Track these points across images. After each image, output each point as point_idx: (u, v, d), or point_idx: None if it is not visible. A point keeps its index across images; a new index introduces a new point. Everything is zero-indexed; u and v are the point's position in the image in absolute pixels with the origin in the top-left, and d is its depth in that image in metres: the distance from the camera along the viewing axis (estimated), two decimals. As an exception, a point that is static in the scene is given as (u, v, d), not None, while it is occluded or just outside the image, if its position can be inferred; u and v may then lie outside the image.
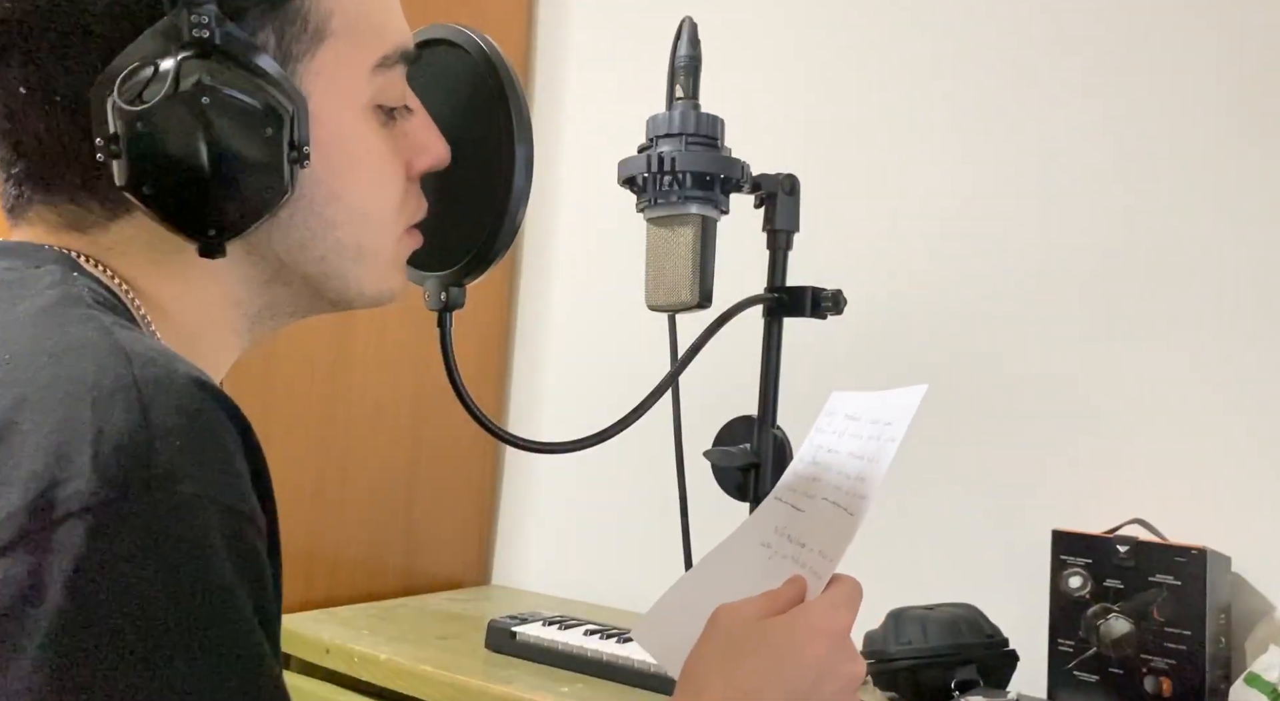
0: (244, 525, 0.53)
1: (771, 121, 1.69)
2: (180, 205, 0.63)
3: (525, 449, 0.95)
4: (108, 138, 0.61)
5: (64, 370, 0.53)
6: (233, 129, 0.62)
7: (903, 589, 1.31)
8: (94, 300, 0.61)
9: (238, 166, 0.63)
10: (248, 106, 0.63)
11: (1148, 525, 1.34)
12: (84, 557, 0.48)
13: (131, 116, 0.61)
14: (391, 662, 1.40)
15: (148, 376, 0.53)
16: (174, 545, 0.50)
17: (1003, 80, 1.55)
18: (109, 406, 0.51)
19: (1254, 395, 1.34)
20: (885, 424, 0.81)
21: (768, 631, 0.73)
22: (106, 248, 0.67)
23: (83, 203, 0.66)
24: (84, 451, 0.49)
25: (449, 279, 0.87)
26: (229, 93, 0.62)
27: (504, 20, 1.99)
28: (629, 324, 1.78)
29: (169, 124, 0.61)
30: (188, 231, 0.64)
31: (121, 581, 0.48)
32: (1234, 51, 1.38)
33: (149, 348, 0.55)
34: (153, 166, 0.62)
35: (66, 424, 0.50)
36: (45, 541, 0.48)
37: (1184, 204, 1.41)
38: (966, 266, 1.55)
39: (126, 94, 0.61)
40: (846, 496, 0.80)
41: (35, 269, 0.63)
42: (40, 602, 0.47)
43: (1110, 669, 1.25)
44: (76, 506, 0.48)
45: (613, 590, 1.75)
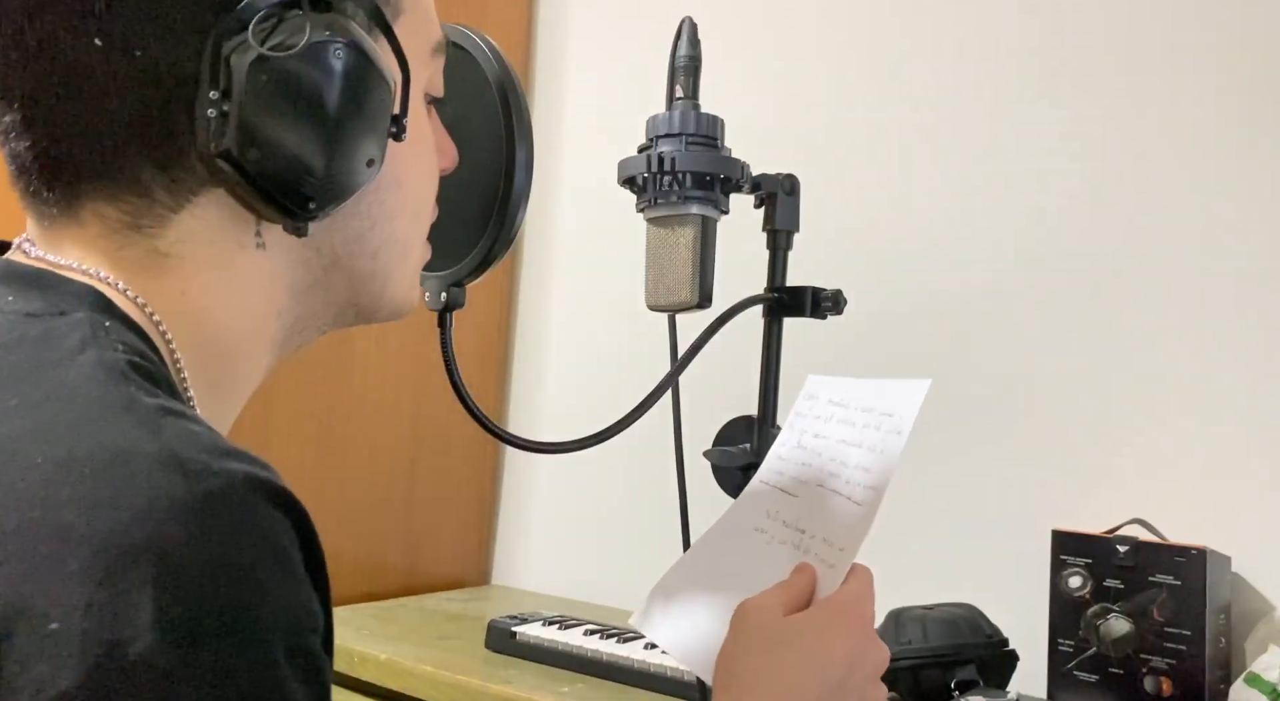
0: (307, 637, 0.50)
1: (771, 121, 1.69)
2: (286, 172, 0.59)
3: (525, 449, 0.95)
4: (221, 92, 0.57)
5: (109, 492, 0.46)
6: (355, 90, 0.59)
7: (903, 589, 1.31)
8: (129, 366, 0.53)
9: (352, 132, 0.60)
10: (370, 68, 0.60)
11: (1148, 525, 1.34)
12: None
13: (258, 67, 0.56)
14: (391, 662, 1.40)
15: (203, 493, 0.47)
16: (248, 689, 0.46)
17: (1003, 80, 1.55)
18: (165, 540, 0.46)
19: (1254, 395, 1.34)
20: (885, 415, 0.82)
21: (800, 627, 0.74)
22: (162, 255, 0.60)
23: (150, 190, 0.59)
24: (144, 602, 0.44)
25: (449, 279, 0.87)
26: (357, 51, 0.59)
27: (504, 20, 1.99)
28: (629, 324, 1.78)
29: (298, 78, 0.57)
30: (286, 202, 0.60)
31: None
32: (1232, 54, 1.38)
33: (198, 447, 0.50)
34: (269, 126, 0.57)
35: (121, 568, 0.45)
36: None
37: (1184, 205, 1.41)
38: (966, 266, 1.56)
39: (251, 44, 0.56)
40: (848, 485, 0.80)
41: (61, 317, 0.56)
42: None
43: (1110, 669, 1.25)
44: (143, 671, 0.44)
45: (613, 590, 1.75)
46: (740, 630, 0.75)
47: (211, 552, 0.47)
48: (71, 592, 0.44)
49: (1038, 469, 1.47)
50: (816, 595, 0.77)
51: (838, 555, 0.77)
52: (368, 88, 0.60)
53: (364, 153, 0.61)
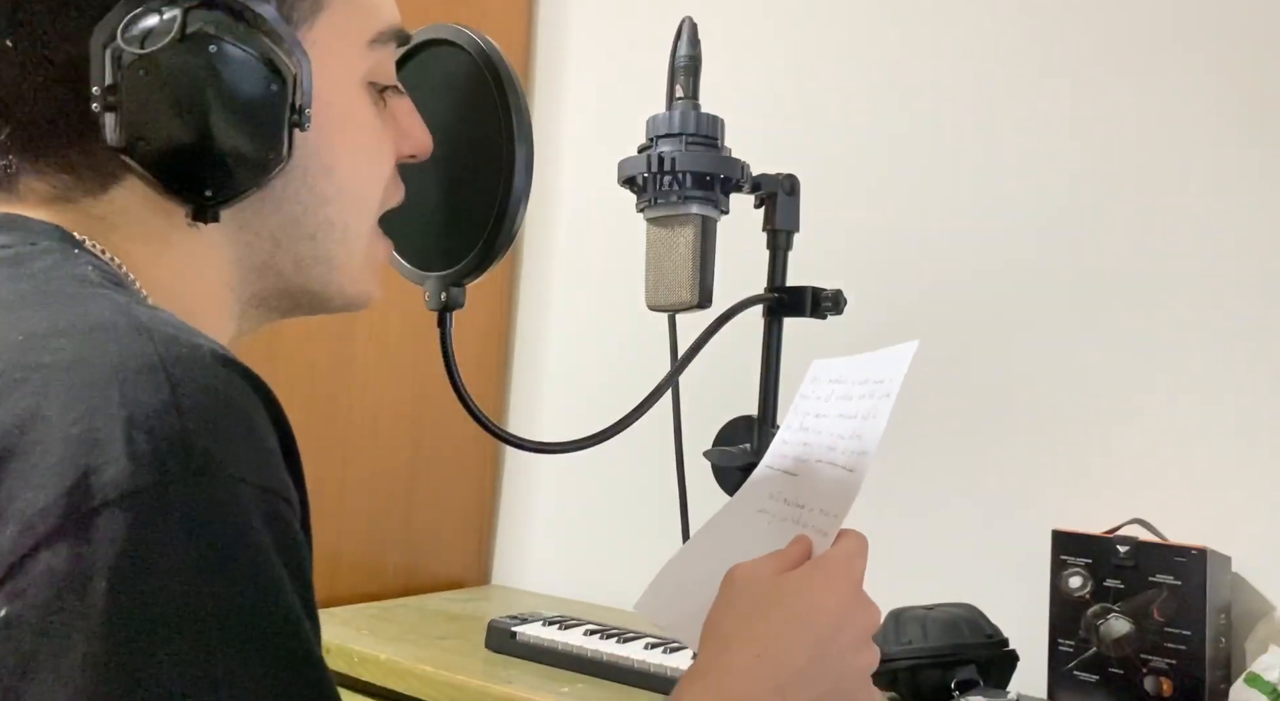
0: (281, 505, 0.52)
1: (771, 121, 1.69)
2: (177, 163, 0.61)
3: (525, 449, 0.95)
4: (105, 88, 0.59)
5: (85, 351, 0.50)
6: (237, 83, 0.61)
7: (903, 589, 1.31)
8: (101, 278, 0.58)
9: (239, 123, 0.62)
10: (254, 61, 0.62)
11: (1148, 525, 1.34)
12: (126, 547, 0.46)
13: (134, 63, 0.59)
14: (391, 662, 1.40)
15: (172, 355, 0.51)
16: (217, 530, 0.48)
17: (1002, 81, 1.55)
18: (136, 388, 0.49)
19: (1254, 395, 1.34)
20: (877, 382, 0.82)
21: (785, 586, 0.73)
22: (99, 219, 0.64)
23: (74, 170, 0.64)
24: (116, 437, 0.48)
25: (449, 279, 0.87)
26: (236, 45, 0.61)
27: (504, 20, 1.99)
28: (629, 324, 1.78)
29: (172, 73, 0.59)
30: (183, 192, 0.63)
31: (166, 570, 0.47)
32: (1231, 58, 1.38)
33: (168, 323, 0.54)
34: (151, 119, 0.60)
35: (95, 409, 0.48)
36: (85, 532, 0.46)
37: (1185, 205, 1.41)
38: (966, 266, 1.55)
39: (129, 41, 0.59)
40: (843, 455, 0.81)
41: (32, 246, 0.60)
42: (84, 595, 0.46)
43: (1110, 669, 1.25)
44: (114, 494, 0.47)
45: (613, 590, 1.75)
46: (727, 592, 0.75)
47: (180, 406, 0.49)
48: (50, 432, 0.48)
49: (1038, 469, 1.47)
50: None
51: (830, 521, 0.78)
52: (251, 80, 0.62)
53: (257, 142, 0.63)
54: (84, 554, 0.46)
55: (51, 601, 0.46)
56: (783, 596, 0.73)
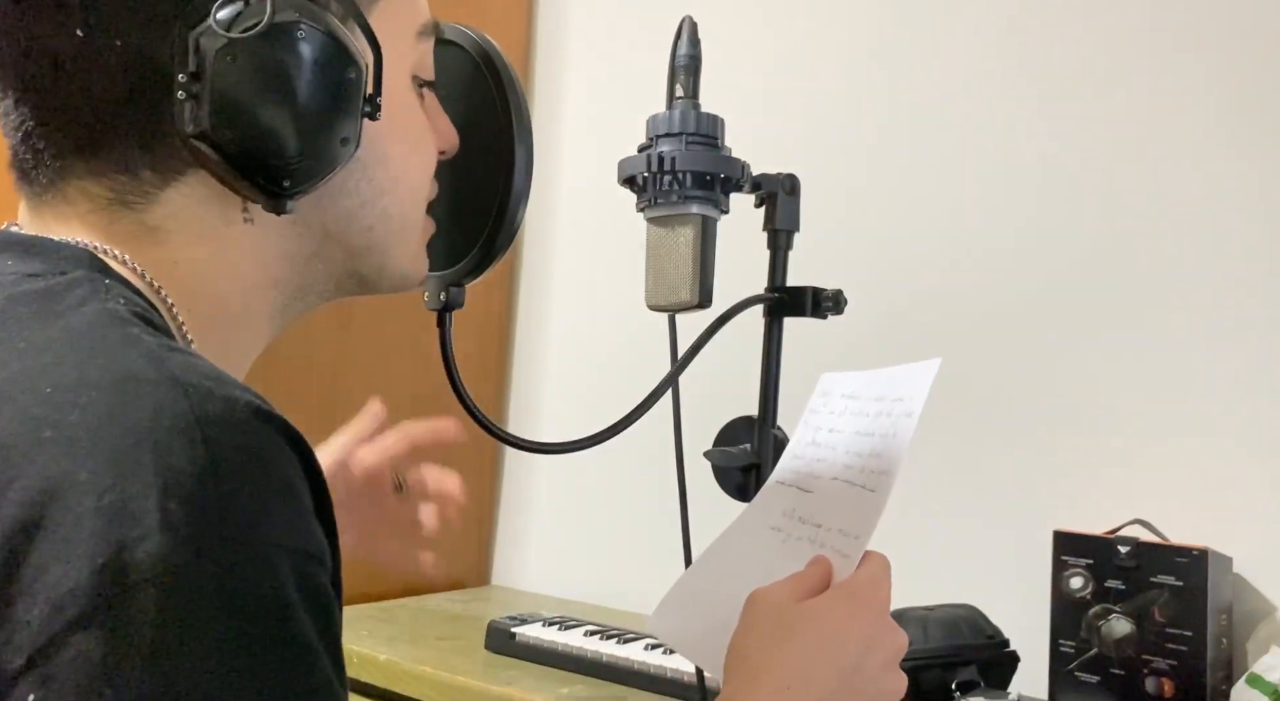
0: (314, 566, 0.51)
1: (771, 121, 1.69)
2: (260, 152, 0.61)
3: (525, 449, 0.95)
4: (190, 75, 0.59)
5: (115, 408, 0.48)
6: (322, 70, 0.61)
7: (903, 589, 1.30)
8: (131, 314, 0.56)
9: (322, 112, 0.61)
10: (337, 48, 0.61)
11: (1149, 525, 1.34)
12: (161, 627, 0.45)
13: (221, 50, 0.58)
14: (391, 663, 1.40)
15: (207, 413, 0.49)
16: (253, 603, 0.47)
17: (1002, 81, 1.55)
18: (170, 451, 0.47)
19: (1255, 395, 1.34)
20: (896, 400, 0.81)
21: (814, 612, 0.72)
22: (151, 228, 0.63)
23: (133, 168, 0.62)
24: (150, 507, 0.46)
25: (448, 279, 0.87)
26: (322, 32, 0.61)
27: (504, 20, 1.99)
28: (629, 324, 1.78)
29: (262, 59, 0.59)
30: (262, 182, 0.62)
31: (202, 648, 0.46)
32: (1233, 57, 1.38)
33: (202, 375, 0.51)
34: (237, 107, 0.59)
35: (127, 475, 0.46)
36: (119, 614, 0.44)
37: (1184, 206, 1.40)
38: (968, 267, 1.55)
39: (219, 26, 0.58)
40: (862, 474, 0.80)
41: (62, 277, 0.58)
42: (118, 681, 0.44)
43: (1111, 669, 1.25)
44: (149, 573, 0.45)
45: (613, 590, 1.75)
46: (751, 618, 0.73)
47: (214, 468, 0.48)
48: (81, 500, 0.46)
49: (1038, 469, 1.47)
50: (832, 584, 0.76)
51: (852, 543, 0.77)
52: (334, 68, 0.62)
53: (336, 132, 0.63)
54: (118, 638, 0.45)
55: (84, 687, 0.44)
56: (809, 624, 0.71)
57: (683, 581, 0.86)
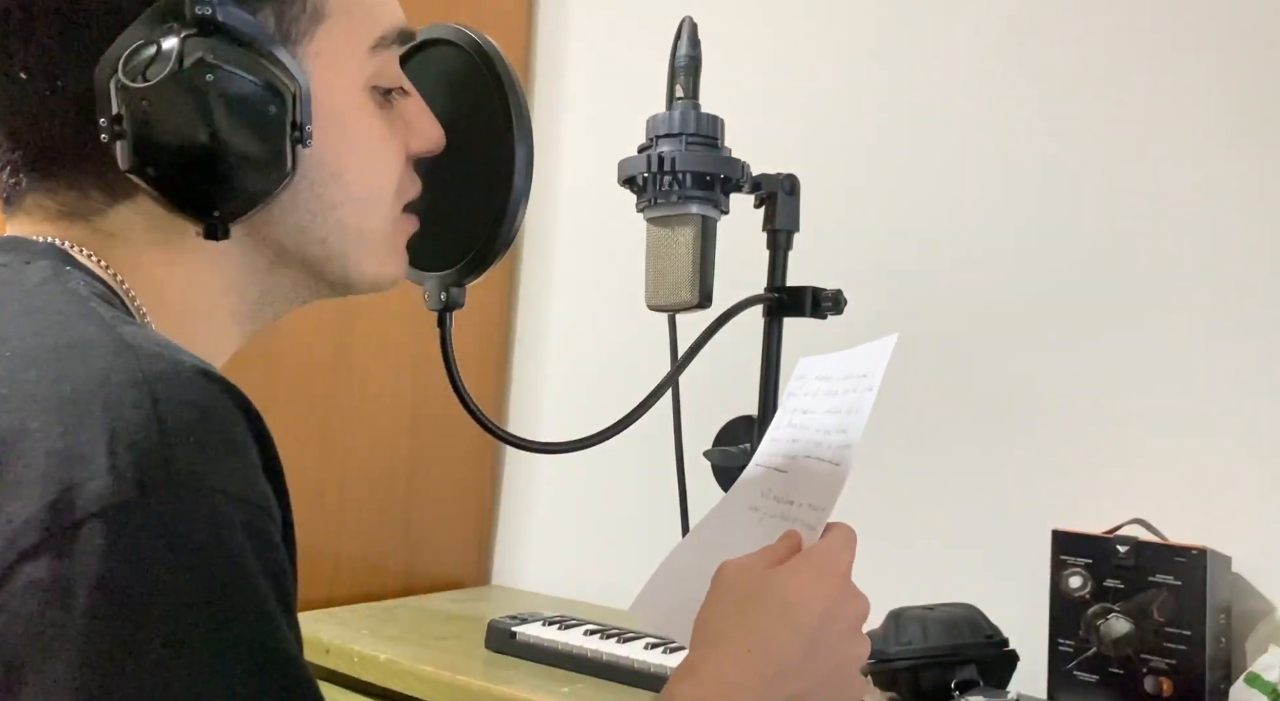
0: (262, 518, 0.53)
1: (771, 121, 1.69)
2: (185, 186, 0.63)
3: (525, 449, 0.95)
4: (111, 118, 0.61)
5: (70, 368, 0.52)
6: (237, 107, 0.63)
7: (903, 589, 1.31)
8: (90, 293, 0.60)
9: (242, 146, 0.63)
10: (251, 85, 0.63)
11: (1148, 525, 1.34)
12: (108, 559, 0.47)
13: (135, 95, 0.61)
14: (391, 662, 1.40)
15: (155, 371, 0.52)
16: (198, 543, 0.49)
17: (1002, 81, 1.55)
18: (120, 404, 0.50)
19: (1254, 395, 1.34)
20: (860, 376, 0.82)
21: (774, 580, 0.74)
22: (106, 234, 0.66)
23: (82, 188, 0.66)
24: (99, 452, 0.49)
25: (449, 279, 0.87)
26: (233, 71, 0.62)
27: (504, 20, 1.99)
28: (629, 324, 1.78)
29: (173, 102, 0.61)
30: (192, 213, 0.64)
31: (147, 582, 0.48)
32: (1229, 58, 1.38)
33: (152, 341, 0.55)
34: (157, 146, 0.62)
35: (78, 424, 0.49)
36: (68, 545, 0.47)
37: (1185, 206, 1.40)
38: (966, 266, 1.55)
39: (130, 73, 0.61)
40: (829, 450, 0.81)
41: (26, 265, 0.62)
42: (67, 606, 0.47)
43: (1110, 669, 1.25)
44: (96, 508, 0.48)
45: (613, 590, 1.75)
46: (717, 588, 0.76)
47: (162, 421, 0.50)
48: (34, 446, 0.49)
49: (1038, 469, 1.47)
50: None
51: (817, 515, 0.78)
52: (250, 104, 0.63)
53: (261, 162, 0.65)
54: (66, 566, 0.47)
55: (35, 613, 0.47)
56: (771, 590, 0.73)
57: (665, 564, 0.87)
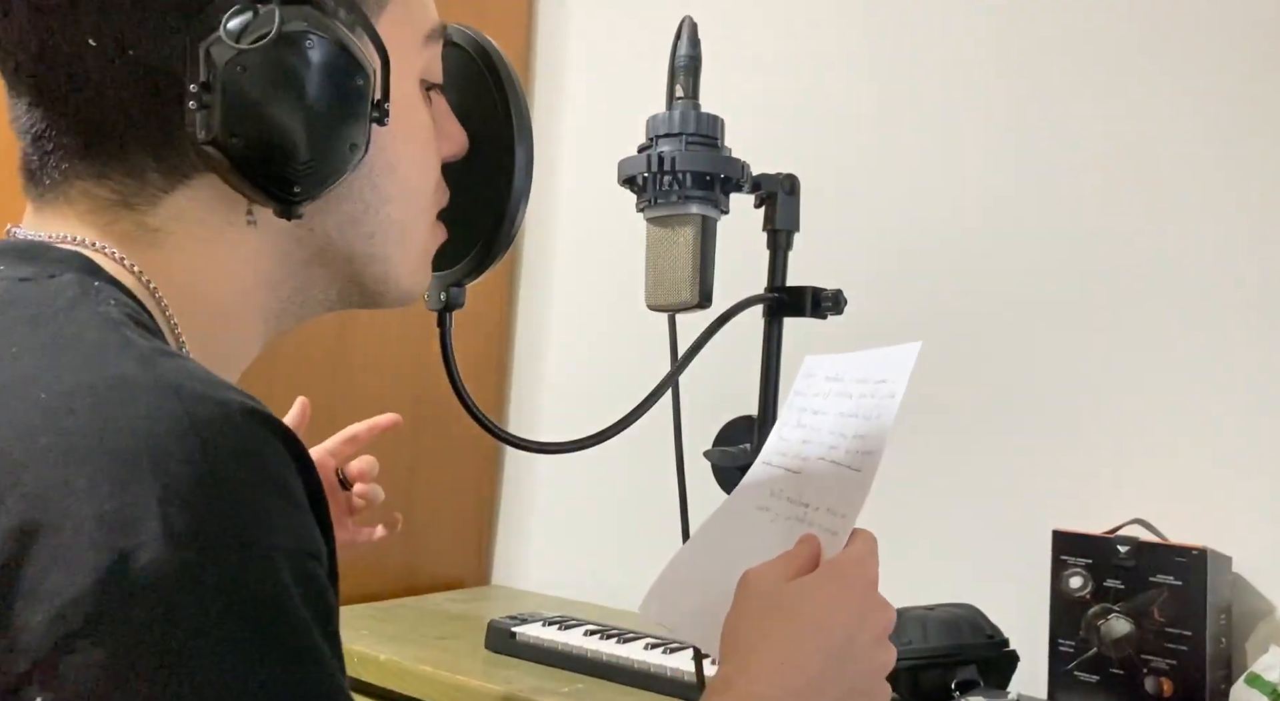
0: (313, 565, 0.52)
1: (771, 121, 1.69)
2: (270, 160, 0.61)
3: (525, 449, 0.95)
4: (201, 85, 0.60)
5: (112, 414, 0.49)
6: (330, 79, 0.62)
7: (903, 589, 1.31)
8: (123, 316, 0.57)
9: (331, 119, 0.62)
10: (345, 56, 0.62)
11: (1148, 525, 1.34)
12: (166, 632, 0.45)
13: (232, 61, 0.59)
14: (391, 662, 1.40)
15: (202, 416, 0.50)
16: (256, 605, 0.48)
17: (1003, 81, 1.55)
18: (168, 458, 0.48)
19: (1254, 395, 1.34)
20: (879, 382, 0.82)
21: (803, 592, 0.73)
22: (151, 229, 0.64)
23: (140, 171, 0.63)
24: (151, 515, 0.46)
25: (449, 279, 0.87)
26: (330, 40, 0.61)
27: (504, 20, 1.99)
28: (629, 324, 1.78)
29: (271, 69, 0.60)
30: (273, 188, 0.63)
31: (207, 651, 0.46)
32: (1236, 52, 1.38)
33: (195, 379, 0.52)
34: (247, 116, 0.60)
35: (127, 482, 0.47)
36: (123, 621, 0.45)
37: (1184, 205, 1.40)
38: (967, 266, 1.55)
39: (228, 37, 0.59)
40: (848, 455, 0.81)
41: (51, 279, 0.59)
42: (125, 685, 0.45)
43: (1111, 669, 1.25)
44: (150, 578, 0.45)
45: (613, 590, 1.75)
46: (743, 597, 0.75)
47: (212, 472, 0.48)
48: (81, 507, 0.46)
49: (1038, 469, 1.47)
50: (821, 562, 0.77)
51: (840, 522, 0.78)
52: (342, 75, 0.62)
53: (344, 138, 0.64)
54: (123, 645, 0.45)
55: (92, 694, 0.45)
56: (800, 602, 0.73)
57: (673, 564, 0.87)
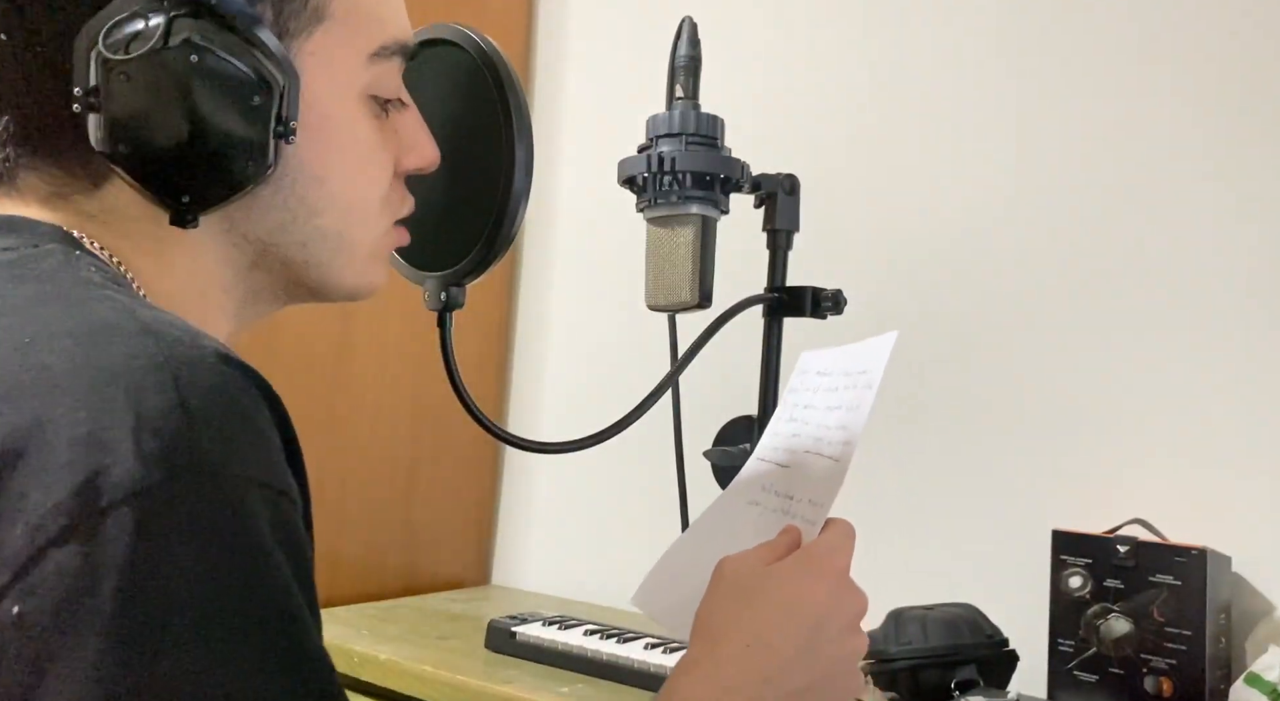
0: (284, 502, 0.53)
1: (771, 121, 1.69)
2: (156, 168, 0.62)
3: (525, 449, 0.95)
4: (87, 90, 0.60)
5: (91, 353, 0.51)
6: (219, 93, 0.61)
7: (903, 589, 1.31)
8: (104, 280, 0.59)
9: (220, 133, 0.62)
10: (237, 72, 0.62)
11: (1148, 525, 1.34)
12: (135, 545, 0.47)
13: (114, 68, 0.59)
14: (391, 662, 1.40)
15: (177, 355, 0.52)
16: (223, 528, 0.49)
17: (1002, 80, 1.55)
18: (143, 389, 0.50)
19: (1254, 395, 1.34)
20: (860, 373, 0.83)
21: (773, 576, 0.74)
22: (92, 217, 0.65)
23: (68, 166, 0.64)
24: (124, 438, 0.48)
25: (449, 279, 0.87)
26: (220, 55, 0.61)
27: (504, 20, 1.99)
28: (629, 324, 1.78)
29: (153, 79, 0.60)
30: (162, 196, 0.63)
31: (174, 568, 0.48)
32: (1234, 52, 1.38)
33: (172, 324, 0.54)
34: (131, 124, 0.60)
35: (102, 410, 0.49)
36: (94, 531, 0.47)
37: (1184, 205, 1.41)
38: (966, 266, 1.55)
39: (111, 46, 0.59)
40: (830, 445, 0.81)
41: (34, 248, 0.61)
42: (95, 593, 0.47)
43: (1110, 669, 1.25)
44: (122, 494, 0.47)
45: (613, 590, 1.75)
46: (716, 583, 0.75)
47: (186, 406, 0.50)
48: (58, 432, 0.49)
49: (1038, 469, 1.47)
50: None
51: (817, 511, 0.78)
52: (233, 90, 0.62)
53: (237, 152, 0.63)
54: (94, 552, 0.47)
55: (63, 599, 0.47)
56: (770, 586, 0.73)
57: (666, 557, 0.87)
